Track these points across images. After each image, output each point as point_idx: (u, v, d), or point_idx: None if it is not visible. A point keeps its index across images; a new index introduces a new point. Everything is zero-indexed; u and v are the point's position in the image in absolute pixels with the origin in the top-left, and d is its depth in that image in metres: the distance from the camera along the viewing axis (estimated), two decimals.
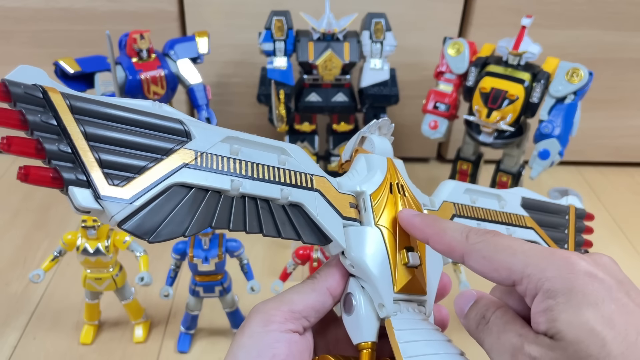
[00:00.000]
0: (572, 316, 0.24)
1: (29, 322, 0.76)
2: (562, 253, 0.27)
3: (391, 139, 0.39)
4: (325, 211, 0.32)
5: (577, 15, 1.01)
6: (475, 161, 0.93)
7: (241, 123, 1.09)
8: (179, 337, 0.74)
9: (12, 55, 1.03)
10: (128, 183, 0.27)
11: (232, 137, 0.31)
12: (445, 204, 0.39)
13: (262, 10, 0.91)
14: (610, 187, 1.14)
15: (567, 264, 0.26)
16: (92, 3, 0.98)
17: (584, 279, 0.25)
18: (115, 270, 0.70)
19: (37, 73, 0.27)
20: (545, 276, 0.26)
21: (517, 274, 0.27)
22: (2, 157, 1.13)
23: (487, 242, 0.29)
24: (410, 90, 1.04)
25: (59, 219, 0.97)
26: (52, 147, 0.26)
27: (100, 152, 0.27)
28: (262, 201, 0.30)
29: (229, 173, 0.30)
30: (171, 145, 0.29)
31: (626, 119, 1.14)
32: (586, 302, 0.24)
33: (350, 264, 0.32)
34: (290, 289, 0.33)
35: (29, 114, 0.26)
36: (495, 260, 0.28)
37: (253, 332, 0.30)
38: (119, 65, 0.83)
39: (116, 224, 0.26)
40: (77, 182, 0.26)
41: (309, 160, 0.34)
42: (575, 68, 0.78)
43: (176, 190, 0.28)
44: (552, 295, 0.25)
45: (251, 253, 0.87)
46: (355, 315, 0.32)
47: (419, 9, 1.00)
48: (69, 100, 0.27)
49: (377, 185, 0.35)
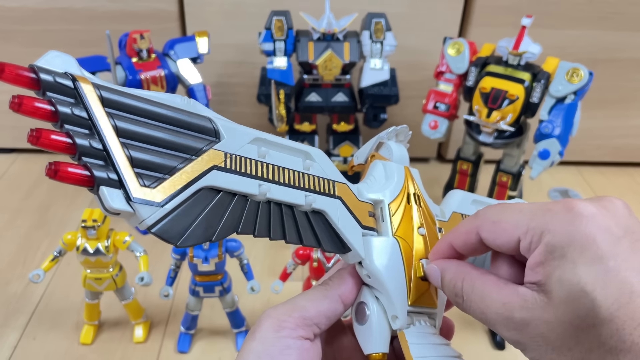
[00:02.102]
0: (565, 274, 0.24)
1: (29, 322, 0.76)
2: (567, 202, 0.26)
3: (407, 146, 0.38)
4: (346, 220, 0.31)
5: (577, 15, 1.01)
6: (475, 161, 0.93)
7: (241, 123, 1.08)
8: (179, 337, 0.74)
9: (12, 55, 1.03)
10: (159, 184, 0.25)
11: (261, 138, 0.30)
12: (454, 214, 0.38)
13: (262, 10, 0.91)
14: (610, 187, 1.14)
15: (570, 214, 0.25)
16: (92, 3, 0.98)
17: (586, 230, 0.24)
18: (115, 270, 0.70)
19: (66, 60, 0.25)
20: (547, 228, 0.25)
21: (523, 227, 0.26)
22: (2, 157, 1.13)
23: (495, 207, 0.28)
24: (410, 90, 1.04)
25: (59, 219, 0.97)
26: (84, 142, 0.24)
27: (131, 150, 0.25)
28: (287, 207, 0.30)
29: (257, 177, 0.29)
30: (201, 145, 0.28)
31: (626, 119, 1.14)
32: (584, 257, 0.23)
33: (367, 274, 0.32)
34: (301, 295, 0.32)
35: (60, 104, 0.24)
36: (503, 219, 0.27)
37: (265, 337, 0.29)
38: (119, 65, 0.83)
39: (146, 228, 0.25)
40: (108, 182, 0.24)
41: (332, 166, 0.33)
42: (575, 68, 0.78)
43: (205, 193, 0.27)
44: (551, 249, 0.24)
45: (251, 253, 0.87)
46: (368, 325, 0.31)
47: (419, 9, 1.00)
48: (100, 91, 0.25)
49: (395, 194, 0.34)
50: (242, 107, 1.09)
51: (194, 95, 0.87)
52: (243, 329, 0.74)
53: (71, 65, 0.25)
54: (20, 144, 1.14)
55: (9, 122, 1.11)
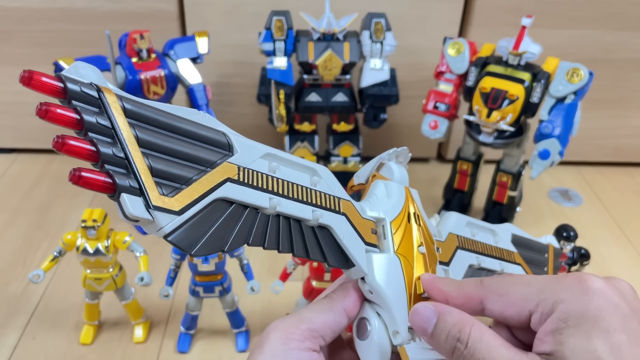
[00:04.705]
0: (580, 342, 0.24)
1: (28, 322, 0.76)
2: (577, 275, 0.26)
3: (406, 167, 0.39)
4: (350, 236, 0.32)
5: (577, 15, 1.01)
6: (475, 161, 0.93)
7: (241, 123, 1.09)
8: (178, 337, 0.74)
9: (12, 55, 1.03)
10: (177, 194, 0.26)
11: (271, 154, 0.31)
12: (450, 235, 0.39)
13: (262, 10, 0.91)
14: (610, 187, 1.14)
15: (582, 286, 0.25)
16: (92, 3, 0.98)
17: (599, 303, 0.25)
18: (115, 270, 0.70)
19: (91, 71, 0.26)
20: (560, 298, 0.25)
21: (533, 301, 0.26)
22: (2, 157, 1.13)
23: (501, 280, 0.29)
24: (410, 90, 1.04)
25: (59, 219, 0.97)
26: (107, 150, 0.25)
27: (151, 160, 0.26)
28: (295, 221, 0.31)
29: (268, 191, 0.30)
30: (216, 158, 0.28)
31: (626, 119, 1.14)
32: (597, 328, 0.24)
33: (369, 289, 0.32)
34: (307, 307, 0.33)
35: (85, 113, 0.25)
36: (511, 292, 0.27)
37: (274, 350, 0.30)
38: (119, 65, 0.83)
39: (163, 236, 0.26)
40: (129, 190, 0.25)
41: (337, 183, 0.34)
42: (575, 68, 0.78)
43: (218, 204, 0.28)
44: (564, 318, 0.25)
45: (251, 253, 0.87)
46: (369, 340, 0.32)
47: (419, 9, 1.00)
48: (123, 102, 0.26)
49: (397, 213, 0.35)
50: (242, 107, 1.09)
51: (194, 95, 0.87)
52: (243, 329, 0.74)
53: (96, 76, 0.26)
54: (20, 144, 1.14)
55: (9, 122, 1.11)
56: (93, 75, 0.26)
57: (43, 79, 0.24)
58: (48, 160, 1.12)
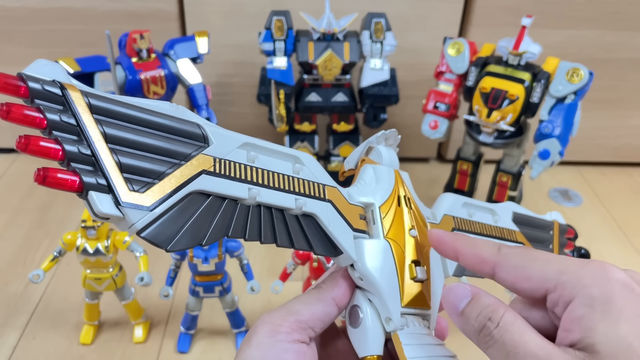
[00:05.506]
0: (610, 328, 0.24)
1: (28, 322, 0.76)
2: (598, 262, 0.26)
3: (396, 150, 0.39)
4: (337, 223, 0.32)
5: (577, 15, 1.01)
6: (475, 161, 0.93)
7: (241, 123, 1.09)
8: (178, 337, 0.74)
9: (12, 55, 1.03)
10: (148, 189, 0.26)
11: (249, 143, 0.30)
12: (445, 217, 0.39)
13: (262, 10, 0.91)
14: (610, 187, 1.14)
15: (604, 273, 0.25)
16: (92, 3, 0.98)
17: (622, 291, 0.24)
18: (115, 270, 0.70)
19: (54, 68, 0.26)
20: (582, 283, 0.25)
21: (552, 281, 0.26)
22: (2, 157, 1.13)
23: (519, 252, 0.28)
24: (410, 90, 1.04)
25: (59, 219, 0.97)
26: (72, 148, 0.25)
27: (120, 155, 0.25)
28: (277, 211, 0.30)
29: (246, 181, 0.29)
30: (190, 151, 0.28)
31: (626, 119, 1.14)
32: (624, 315, 0.24)
33: (359, 276, 0.32)
34: (295, 299, 0.32)
35: (48, 112, 0.24)
36: (529, 267, 0.27)
37: (261, 342, 0.30)
38: (119, 65, 0.83)
39: (135, 232, 0.25)
40: (97, 187, 0.25)
41: (321, 170, 0.33)
42: (575, 68, 0.78)
43: (194, 197, 0.27)
44: (590, 303, 0.24)
45: (251, 253, 0.87)
46: (361, 328, 0.32)
47: (419, 9, 1.00)
48: (88, 98, 0.26)
49: (386, 197, 0.34)
50: (242, 107, 1.09)
51: (194, 95, 0.87)
52: (243, 329, 0.74)
53: (59, 73, 0.26)
54: None
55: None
56: (56, 72, 0.26)
57: (2, 78, 0.24)
58: (48, 160, 1.12)
